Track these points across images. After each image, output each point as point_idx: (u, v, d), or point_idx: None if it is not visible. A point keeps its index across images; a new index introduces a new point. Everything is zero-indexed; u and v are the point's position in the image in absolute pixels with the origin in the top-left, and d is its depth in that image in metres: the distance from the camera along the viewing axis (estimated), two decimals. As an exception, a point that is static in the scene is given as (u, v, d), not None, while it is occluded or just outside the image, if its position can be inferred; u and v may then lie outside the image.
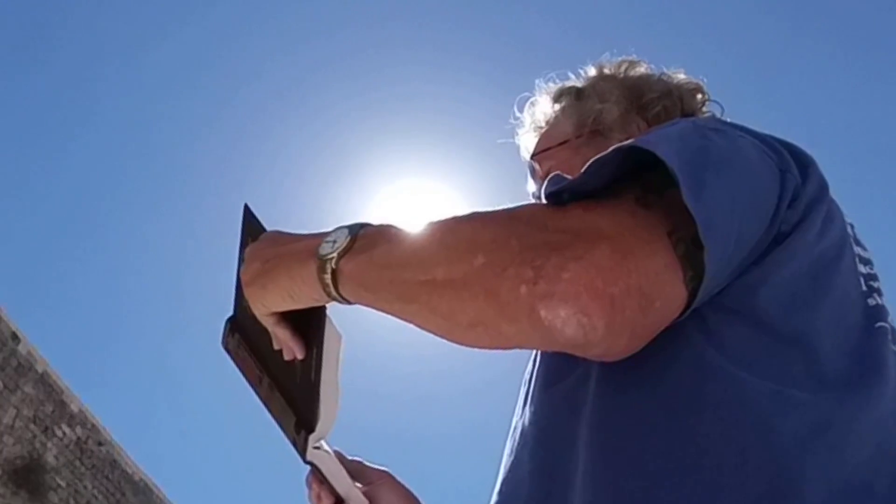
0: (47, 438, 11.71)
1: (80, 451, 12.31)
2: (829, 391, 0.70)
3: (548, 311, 0.62)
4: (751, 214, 0.71)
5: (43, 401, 11.82)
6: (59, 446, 11.91)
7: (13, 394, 11.29)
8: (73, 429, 12.30)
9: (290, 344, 0.88)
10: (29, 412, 11.50)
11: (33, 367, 11.81)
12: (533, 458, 0.79)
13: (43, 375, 11.96)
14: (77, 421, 12.43)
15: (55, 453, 11.77)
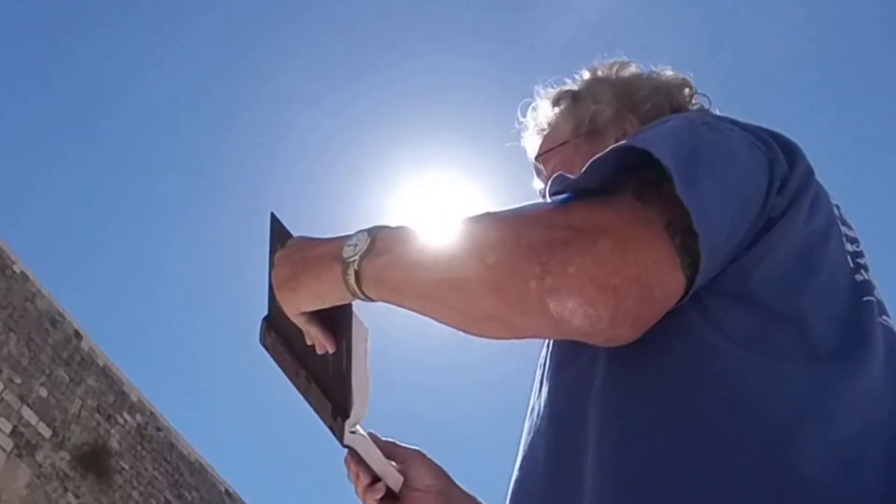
0: (110, 426, 11.81)
1: (140, 437, 12.40)
2: (820, 365, 0.70)
3: (556, 304, 0.63)
4: (742, 203, 0.71)
5: (105, 392, 11.92)
6: (122, 432, 12.01)
7: (78, 386, 11.40)
8: (133, 416, 12.39)
9: (321, 339, 0.89)
10: (93, 402, 11.60)
11: (95, 362, 11.91)
12: (548, 438, 0.79)
13: (104, 368, 12.06)
14: (137, 409, 12.52)
15: (118, 439, 11.87)
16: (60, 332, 11.42)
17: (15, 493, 9.92)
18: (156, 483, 12.40)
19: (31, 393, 10.56)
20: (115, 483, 11.55)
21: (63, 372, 11.22)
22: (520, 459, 0.83)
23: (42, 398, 10.73)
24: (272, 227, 0.97)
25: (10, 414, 10.15)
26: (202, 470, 13.60)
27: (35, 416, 10.53)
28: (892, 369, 0.76)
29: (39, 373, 10.80)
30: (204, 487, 13.49)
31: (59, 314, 11.53)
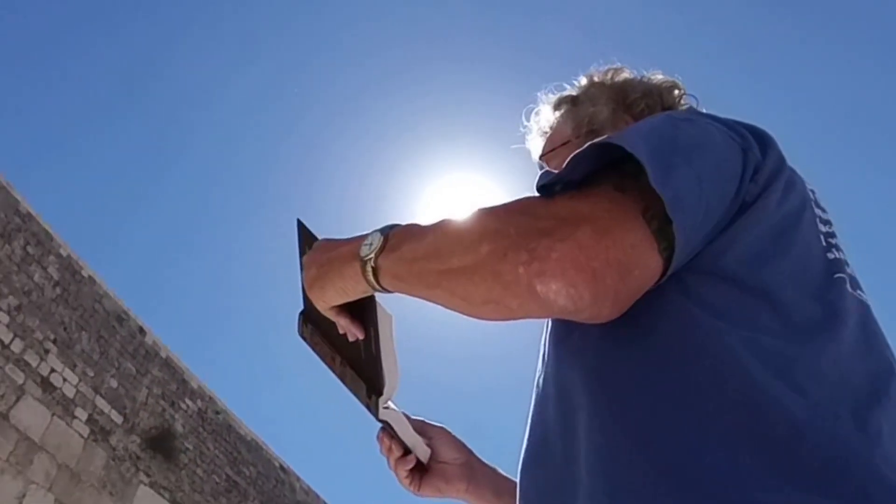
0: (174, 411, 11.91)
1: (201, 420, 12.49)
2: (793, 335, 0.71)
3: (542, 286, 0.65)
4: (717, 189, 0.72)
5: (168, 380, 12.02)
6: (185, 417, 12.10)
7: (144, 377, 11.51)
8: (194, 402, 12.48)
9: (351, 328, 0.91)
10: (158, 391, 11.70)
11: (158, 354, 12.01)
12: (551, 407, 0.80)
13: (166, 360, 12.15)
14: (197, 395, 12.61)
15: (181, 423, 11.96)
16: (126, 329, 11.53)
17: (93, 474, 10.06)
18: (217, 461, 12.50)
19: (102, 384, 10.68)
20: (181, 462, 11.66)
21: (130, 364, 11.34)
22: (528, 428, 0.84)
23: (113, 388, 10.84)
24: (299, 232, 0.98)
25: (86, 403, 10.27)
26: (258, 447, 13.70)
27: (108, 405, 10.65)
28: (864, 337, 0.77)
29: (109, 366, 10.91)
30: (260, 463, 13.58)
31: (124, 313, 11.64)
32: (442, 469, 1.07)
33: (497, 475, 1.11)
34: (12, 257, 9.90)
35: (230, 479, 12.67)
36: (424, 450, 1.06)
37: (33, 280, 10.11)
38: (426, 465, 1.06)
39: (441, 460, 1.07)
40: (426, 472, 1.06)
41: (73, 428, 10.01)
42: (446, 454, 1.08)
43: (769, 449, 0.62)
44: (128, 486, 10.59)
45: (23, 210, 10.35)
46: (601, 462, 0.69)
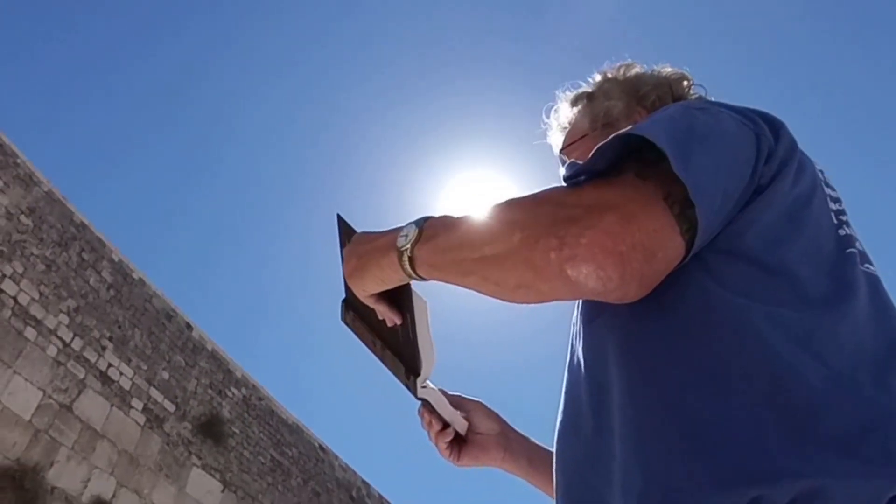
0: (221, 399, 12.00)
1: (246, 406, 12.58)
2: (811, 308, 0.70)
3: (573, 270, 0.64)
4: (733, 173, 0.71)
5: (214, 371, 12.12)
6: (231, 403, 12.19)
7: (192, 368, 11.61)
8: (239, 389, 12.58)
9: (389, 314, 0.91)
10: (206, 381, 11.80)
11: (205, 347, 12.11)
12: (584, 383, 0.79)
13: (212, 352, 12.25)
14: (241, 383, 12.70)
15: (228, 409, 12.06)
16: (174, 325, 11.63)
17: (150, 458, 10.17)
18: (261, 443, 12.59)
19: (155, 376, 10.79)
20: (230, 445, 11.76)
21: (180, 357, 11.44)
22: (562, 404, 0.83)
23: (165, 380, 10.95)
24: (339, 226, 0.98)
25: (141, 394, 10.38)
26: (299, 430, 13.79)
27: (161, 395, 10.75)
28: (876, 308, 0.75)
29: (161, 359, 11.02)
30: (301, 444, 13.67)
31: (172, 311, 11.74)
32: (479, 440, 1.07)
33: (531, 444, 1.11)
34: (69, 263, 10.01)
35: (274, 459, 12.77)
36: (462, 423, 1.06)
37: (89, 284, 10.22)
38: (464, 436, 1.07)
39: (478, 432, 1.07)
40: (465, 443, 1.06)
41: (130, 417, 10.12)
42: (483, 426, 1.07)
43: (793, 416, 0.62)
44: (182, 469, 10.70)
45: (77, 220, 10.46)
46: (633, 434, 0.68)
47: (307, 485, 13.40)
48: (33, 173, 9.96)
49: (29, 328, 9.12)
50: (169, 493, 10.36)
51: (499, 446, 1.07)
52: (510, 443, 1.09)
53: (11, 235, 9.27)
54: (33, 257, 9.49)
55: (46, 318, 9.39)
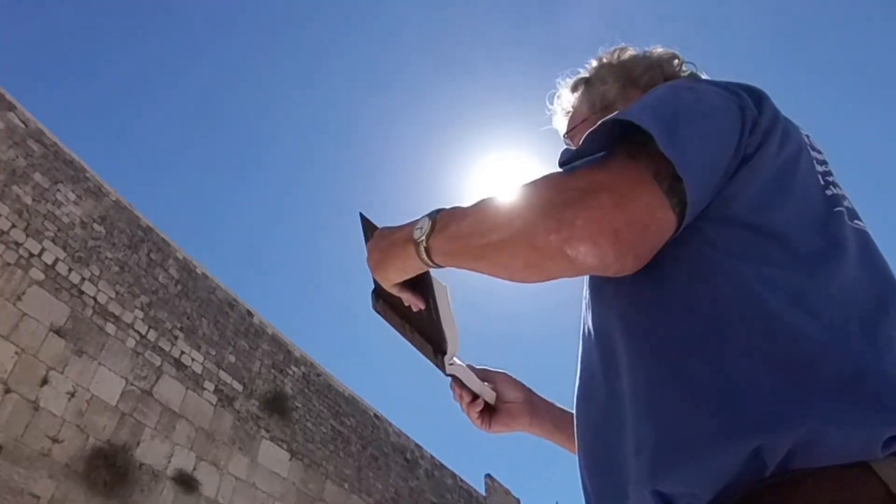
0: (283, 377, 12.20)
1: (306, 382, 12.76)
2: (801, 266, 0.69)
3: (572, 249, 0.64)
4: (719, 146, 0.70)
5: (276, 352, 12.31)
6: (292, 380, 12.39)
7: (255, 351, 11.81)
8: (298, 368, 12.76)
9: (413, 300, 0.91)
10: (268, 361, 12.00)
11: (265, 332, 12.30)
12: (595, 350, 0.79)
13: (272, 336, 12.44)
14: (300, 362, 12.89)
15: (290, 386, 12.25)
16: (237, 313, 11.83)
17: (224, 434, 10.41)
18: (322, 415, 12.79)
19: (223, 360, 11.01)
20: (294, 418, 11.97)
21: (243, 342, 11.64)
22: (579, 371, 0.84)
23: (232, 363, 11.16)
24: (362, 223, 0.99)
25: (211, 377, 10.61)
26: (354, 401, 13.97)
27: (229, 376, 10.98)
28: (865, 262, 0.74)
29: (227, 344, 11.23)
30: (357, 414, 13.85)
31: (234, 300, 11.94)
32: (507, 408, 1.07)
33: (555, 408, 1.11)
34: (140, 264, 10.23)
35: (334, 428, 12.97)
36: (490, 393, 1.06)
37: (158, 280, 10.44)
38: (494, 406, 1.07)
39: (506, 401, 1.07)
40: (494, 412, 1.07)
41: (203, 398, 10.36)
42: (509, 395, 1.08)
43: (789, 368, 0.61)
44: (253, 441, 10.93)
45: (143, 224, 10.67)
46: (642, 396, 0.68)
47: (365, 450, 13.60)
48: (101, 185, 10.17)
49: (109, 324, 9.37)
50: (243, 463, 10.60)
51: (525, 412, 1.08)
52: (535, 408, 1.09)
53: (87, 242, 9.50)
54: (108, 260, 9.71)
55: (123, 314, 9.62)
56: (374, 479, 13.53)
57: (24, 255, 8.62)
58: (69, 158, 9.77)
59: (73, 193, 9.61)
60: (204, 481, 9.87)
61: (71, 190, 9.59)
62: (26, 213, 8.84)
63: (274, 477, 11.10)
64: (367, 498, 13.12)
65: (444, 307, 0.90)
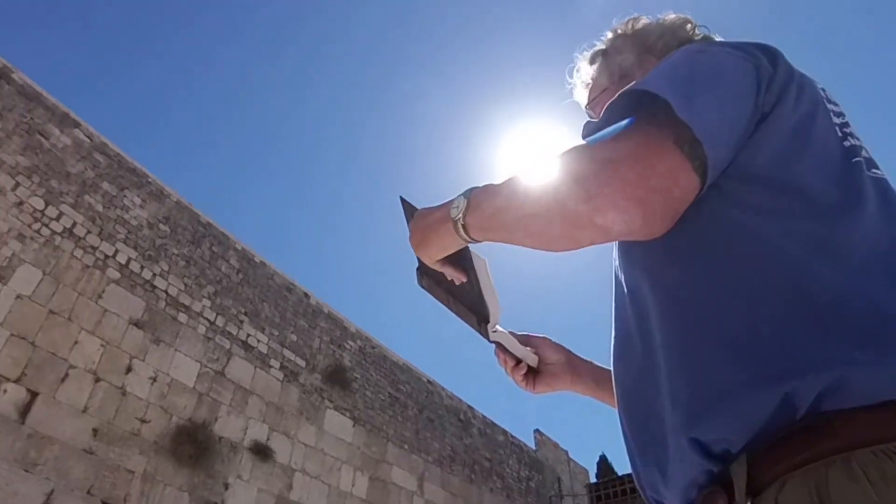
0: (342, 351, 12.39)
1: (362, 355, 12.94)
2: (823, 217, 0.67)
3: (601, 218, 0.64)
4: (736, 106, 0.69)
5: (333, 329, 12.50)
6: (350, 354, 12.58)
7: (314, 329, 12.01)
8: (354, 342, 12.94)
9: (455, 274, 0.92)
10: (327, 338, 12.20)
11: (322, 311, 12.48)
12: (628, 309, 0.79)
13: (329, 314, 12.61)
14: (356, 336, 13.06)
15: (348, 359, 12.45)
16: (295, 296, 12.03)
17: (292, 406, 10.66)
18: (379, 383, 12.98)
19: (286, 339, 11.23)
20: (354, 388, 12.18)
21: (303, 322, 11.85)
22: (614, 330, 0.83)
23: (294, 341, 11.39)
24: (403, 206, 0.99)
25: (276, 355, 10.84)
26: (408, 369, 14.13)
27: (292, 354, 11.20)
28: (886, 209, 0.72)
29: (288, 325, 11.45)
30: (412, 381, 14.02)
31: (291, 284, 12.13)
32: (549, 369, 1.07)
33: (594, 367, 1.11)
34: (203, 257, 10.46)
35: (392, 395, 13.16)
36: (532, 357, 1.06)
37: (221, 271, 10.67)
38: (536, 368, 1.07)
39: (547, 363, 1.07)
40: (537, 374, 1.07)
41: (270, 374, 10.61)
42: (550, 357, 1.08)
43: (814, 315, 0.60)
44: (318, 412, 11.18)
45: (203, 220, 10.88)
46: (674, 351, 0.68)
47: (422, 414, 13.78)
48: (163, 188, 10.38)
49: (181, 313, 9.63)
50: (311, 432, 10.86)
51: (566, 373, 1.08)
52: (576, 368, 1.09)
53: (155, 241, 9.75)
54: (174, 256, 9.95)
55: (193, 303, 9.88)
56: (432, 439, 13.72)
57: (101, 258, 8.89)
58: (132, 166, 10.00)
59: (139, 198, 9.85)
60: (277, 450, 10.15)
61: (136, 195, 9.83)
62: (99, 220, 9.10)
63: (340, 442, 11.35)
64: (426, 457, 13.32)
65: (484, 279, 0.90)
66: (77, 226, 8.76)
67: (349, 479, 11.25)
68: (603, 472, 19.98)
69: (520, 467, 16.52)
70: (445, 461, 13.80)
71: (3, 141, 8.35)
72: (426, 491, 12.94)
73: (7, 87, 8.74)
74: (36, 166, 8.60)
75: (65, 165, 8.98)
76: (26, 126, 8.72)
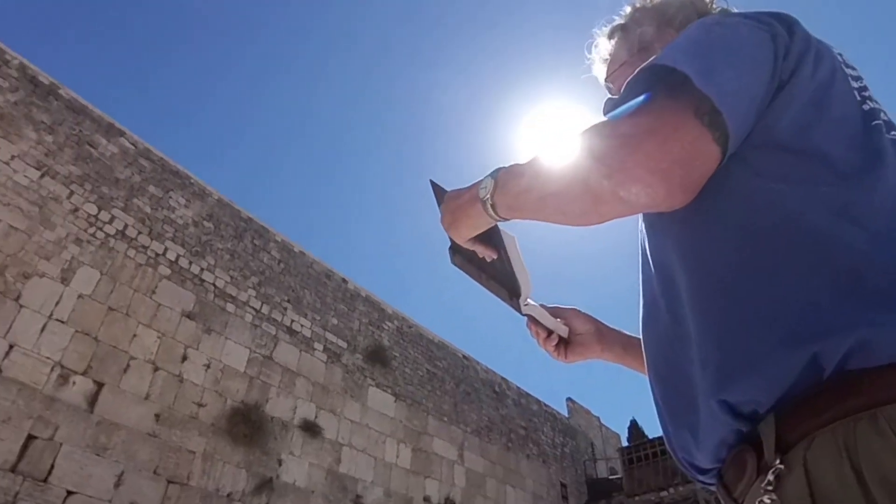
0: (380, 332, 12.51)
1: (400, 334, 13.04)
2: (844, 181, 0.65)
3: (625, 192, 0.63)
4: (754, 76, 0.66)
5: (371, 311, 12.62)
6: (388, 334, 12.69)
7: (353, 312, 12.13)
8: (392, 322, 13.04)
9: (486, 251, 0.91)
10: (366, 320, 12.32)
11: (360, 294, 12.60)
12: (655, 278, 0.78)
13: (366, 297, 12.73)
14: (393, 317, 13.16)
15: (387, 339, 12.57)
16: (333, 282, 12.16)
17: (337, 385, 10.83)
18: (417, 360, 13.09)
19: (327, 323, 11.37)
20: (393, 366, 12.31)
21: (343, 306, 11.98)
22: (641, 299, 0.82)
23: (335, 325, 11.53)
24: (433, 189, 0.99)
25: (319, 338, 11.00)
26: (444, 346, 14.21)
27: (334, 336, 11.35)
28: None
29: (328, 310, 11.58)
30: (448, 357, 14.11)
31: (330, 271, 12.26)
32: (579, 339, 1.07)
33: (622, 335, 1.10)
34: (246, 250, 10.61)
35: (430, 371, 13.27)
36: (563, 328, 1.06)
37: (264, 262, 10.82)
38: (567, 339, 1.07)
39: (577, 333, 1.07)
40: (568, 344, 1.07)
41: (315, 357, 10.77)
42: (580, 327, 1.07)
43: (839, 278, 0.58)
44: (361, 389, 11.33)
45: (244, 216, 11.03)
46: (703, 317, 0.67)
47: (459, 387, 13.88)
48: (204, 187, 10.54)
49: (229, 304, 9.81)
50: (355, 408, 11.03)
51: (596, 341, 1.07)
52: (605, 337, 1.08)
53: (200, 238, 9.92)
54: (220, 251, 10.12)
55: (239, 294, 10.05)
56: (469, 410, 13.81)
57: (152, 256, 9.09)
58: (174, 169, 10.15)
59: (183, 198, 10.01)
60: (325, 426, 10.33)
61: (180, 195, 9.99)
62: (148, 221, 9.28)
63: (383, 417, 11.51)
64: (465, 427, 13.43)
65: (514, 254, 0.90)
66: (128, 227, 8.96)
67: (393, 451, 11.42)
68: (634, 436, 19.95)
69: (554, 434, 16.57)
70: (483, 431, 13.90)
71: (56, 153, 8.54)
72: (466, 459, 13.06)
73: (56, 102, 8.93)
74: (87, 175, 8.79)
75: (113, 172, 9.16)
76: (76, 138, 8.91)
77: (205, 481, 8.46)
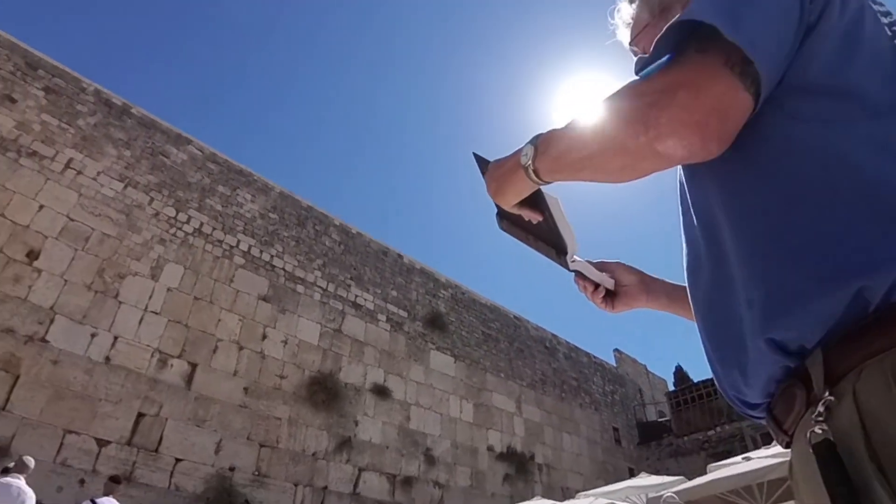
0: (437, 300, 12.65)
1: (454, 301, 13.14)
2: (882, 117, 0.60)
3: (661, 146, 0.59)
4: (782, 21, 0.61)
5: (427, 282, 12.75)
6: (444, 301, 12.81)
7: (410, 284, 12.29)
8: (447, 290, 13.15)
9: (531, 214, 0.89)
10: (422, 290, 12.47)
11: (415, 267, 12.73)
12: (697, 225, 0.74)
13: (421, 269, 12.85)
14: (447, 286, 13.26)
15: (443, 305, 12.69)
16: (390, 258, 12.31)
17: (401, 351, 11.03)
18: (472, 324, 13.19)
19: (388, 296, 11.55)
20: (450, 330, 12.44)
21: (400, 279, 12.14)
22: (685, 247, 0.79)
23: (395, 297, 11.70)
24: (476, 160, 0.97)
25: (382, 310, 11.20)
26: (496, 308, 14.25)
27: (395, 307, 11.53)
28: None
29: (388, 284, 11.76)
30: (500, 319, 14.16)
31: (386, 248, 12.40)
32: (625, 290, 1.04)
33: (666, 284, 1.06)
34: (309, 235, 10.83)
35: (484, 332, 13.35)
36: (609, 281, 1.04)
37: (326, 245, 11.03)
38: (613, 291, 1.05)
39: (623, 284, 1.04)
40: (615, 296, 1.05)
41: (379, 327, 10.98)
42: (625, 279, 1.05)
43: (884, 213, 0.54)
44: (423, 353, 11.51)
45: (304, 205, 11.23)
46: (747, 257, 0.63)
47: (512, 345, 13.93)
48: (267, 182, 10.76)
49: (298, 285, 10.07)
50: (419, 371, 11.23)
51: (641, 292, 1.04)
52: (650, 287, 1.05)
53: (268, 228, 10.17)
54: (286, 238, 10.36)
55: (307, 275, 10.30)
56: (523, 366, 13.88)
57: (227, 248, 9.38)
58: (238, 168, 10.39)
59: (249, 194, 10.26)
60: (393, 388, 10.57)
61: (246, 192, 10.24)
62: (220, 217, 9.56)
63: (445, 377, 11.69)
64: (521, 381, 13.52)
65: (558, 215, 0.88)
66: (204, 225, 9.26)
67: (457, 407, 11.61)
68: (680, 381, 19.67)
69: (604, 383, 16.52)
70: (538, 384, 13.96)
71: (134, 165, 8.86)
72: (524, 411, 13.17)
73: (130, 120, 9.22)
74: (163, 181, 9.10)
75: (185, 177, 9.45)
76: (150, 150, 9.21)
77: (292, 443, 8.82)
